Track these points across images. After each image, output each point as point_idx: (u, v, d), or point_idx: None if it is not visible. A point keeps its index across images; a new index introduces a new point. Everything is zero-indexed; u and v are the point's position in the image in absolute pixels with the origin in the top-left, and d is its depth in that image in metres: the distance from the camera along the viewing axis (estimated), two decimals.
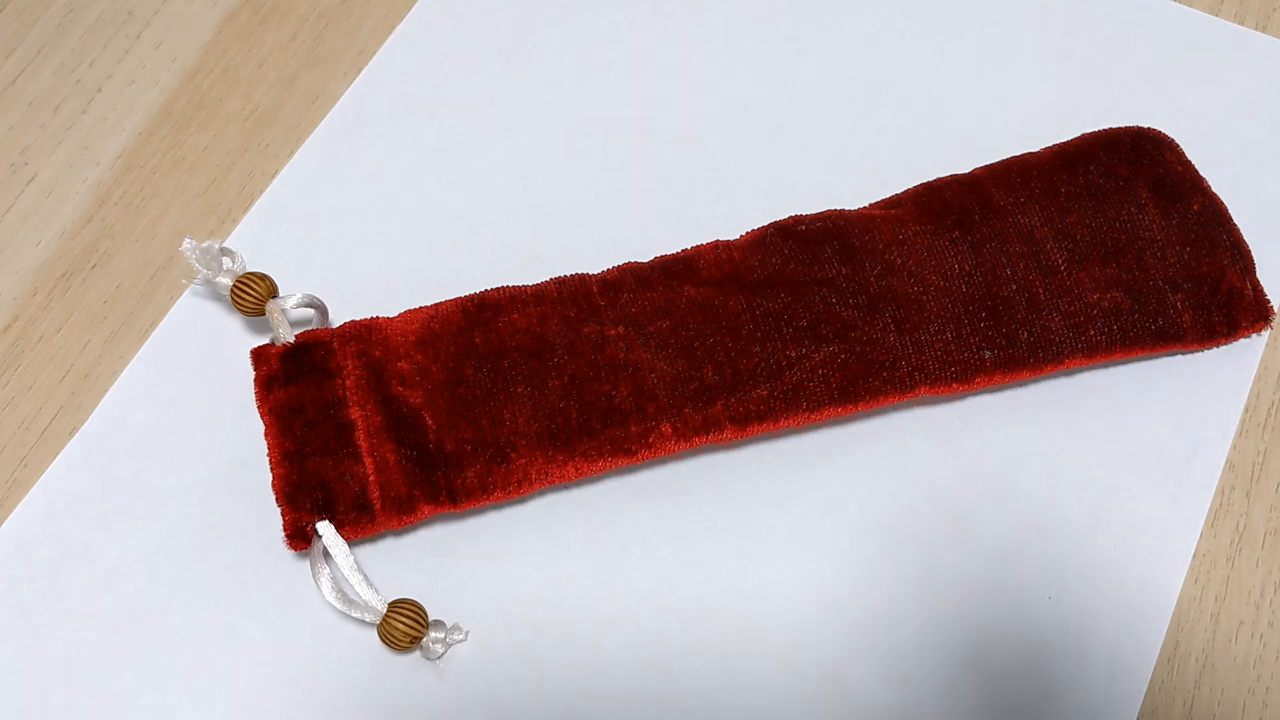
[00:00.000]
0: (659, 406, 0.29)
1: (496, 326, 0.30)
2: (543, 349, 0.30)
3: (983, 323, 0.30)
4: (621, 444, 0.29)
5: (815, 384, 0.29)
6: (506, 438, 0.29)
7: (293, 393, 0.29)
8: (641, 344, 0.30)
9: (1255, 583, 0.30)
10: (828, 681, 0.29)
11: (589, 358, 0.30)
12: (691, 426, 0.29)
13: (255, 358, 0.30)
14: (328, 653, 0.29)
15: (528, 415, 0.29)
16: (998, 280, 0.31)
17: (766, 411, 0.29)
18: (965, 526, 0.30)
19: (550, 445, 0.29)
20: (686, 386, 0.29)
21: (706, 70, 0.38)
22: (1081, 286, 0.31)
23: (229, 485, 0.31)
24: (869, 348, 0.30)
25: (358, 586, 0.28)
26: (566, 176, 0.36)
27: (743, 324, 0.30)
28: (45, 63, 0.39)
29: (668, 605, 0.30)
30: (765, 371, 0.29)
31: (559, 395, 0.29)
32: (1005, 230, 0.31)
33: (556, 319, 0.30)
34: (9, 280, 0.35)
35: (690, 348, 0.30)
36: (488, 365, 0.30)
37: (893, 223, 0.31)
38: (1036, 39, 0.38)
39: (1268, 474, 0.31)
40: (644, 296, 0.30)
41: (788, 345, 0.30)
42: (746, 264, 0.31)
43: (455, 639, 0.29)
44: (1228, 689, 0.29)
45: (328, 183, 0.36)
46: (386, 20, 0.39)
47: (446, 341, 0.30)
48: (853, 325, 0.30)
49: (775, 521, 0.31)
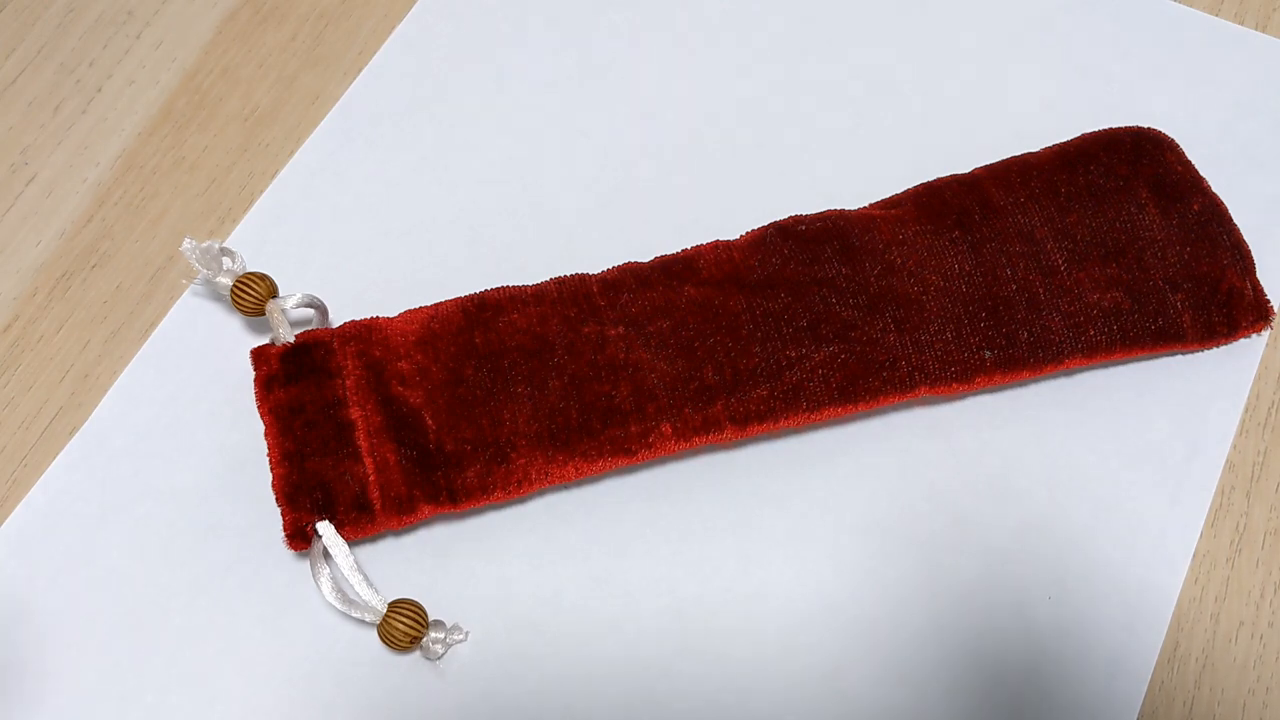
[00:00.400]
0: (659, 406, 0.29)
1: (496, 326, 0.30)
2: (543, 349, 0.30)
3: (983, 323, 0.30)
4: (621, 444, 0.29)
5: (815, 384, 0.29)
6: (506, 438, 0.29)
7: (293, 393, 0.29)
8: (641, 344, 0.30)
9: (1255, 583, 0.30)
10: (827, 681, 0.29)
11: (589, 358, 0.30)
12: (691, 426, 0.29)
13: (255, 358, 0.30)
14: (328, 653, 0.29)
15: (528, 415, 0.29)
16: (998, 280, 0.31)
17: (766, 411, 0.29)
18: (965, 527, 0.30)
19: (550, 445, 0.29)
20: (686, 386, 0.29)
21: (706, 70, 0.38)
22: (1081, 286, 0.31)
23: (229, 485, 0.31)
24: (869, 348, 0.30)
25: (358, 586, 0.28)
26: (566, 176, 0.36)
27: (743, 324, 0.30)
28: (45, 63, 0.39)
29: (668, 605, 0.30)
30: (765, 371, 0.29)
31: (559, 395, 0.29)
32: (1005, 230, 0.31)
33: (556, 319, 0.30)
34: (9, 280, 0.35)
35: (690, 348, 0.30)
36: (488, 365, 0.30)
37: (893, 223, 0.31)
38: (1037, 39, 0.38)
39: (1268, 474, 0.31)
40: (644, 296, 0.30)
41: (788, 345, 0.30)
42: (746, 264, 0.31)
43: (455, 639, 0.29)
44: (1228, 689, 0.29)
45: (328, 183, 0.36)
46: (386, 20, 0.39)
47: (446, 341, 0.30)
48: (853, 325, 0.30)
49: (775, 521, 0.31)
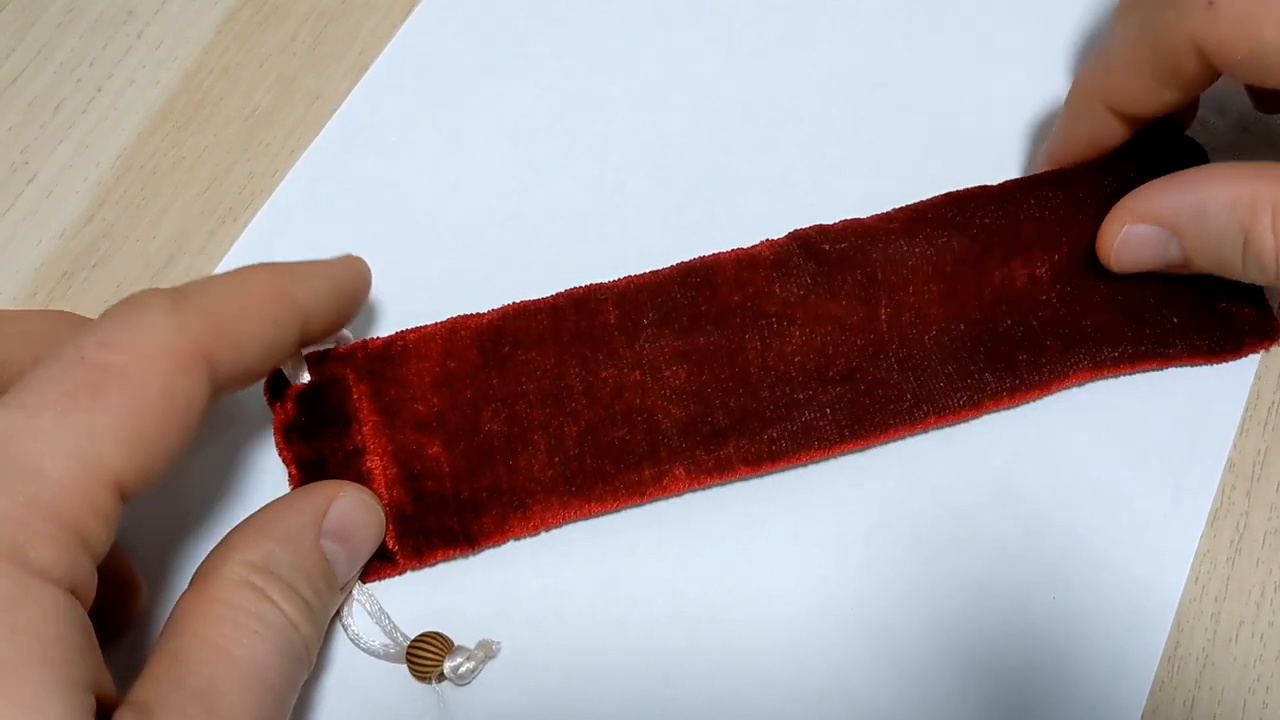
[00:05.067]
0: (672, 450, 0.29)
1: (513, 367, 0.30)
2: (559, 393, 0.30)
3: (981, 357, 0.30)
4: (636, 487, 0.29)
5: (825, 422, 0.30)
6: (523, 484, 0.29)
7: (314, 445, 0.29)
8: (657, 389, 0.30)
9: (1255, 583, 0.30)
10: (832, 682, 0.29)
11: (606, 403, 0.30)
12: (704, 468, 0.29)
13: (270, 400, 0.30)
14: (328, 653, 0.29)
15: (544, 462, 0.29)
16: (996, 316, 0.31)
17: (778, 451, 0.30)
18: (968, 528, 0.30)
19: (565, 491, 0.29)
20: (699, 430, 0.30)
21: (709, 71, 0.38)
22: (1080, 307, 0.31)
23: (229, 490, 0.31)
24: (875, 386, 0.30)
25: (379, 630, 0.29)
26: (571, 176, 0.36)
27: (753, 370, 0.30)
28: (45, 62, 0.39)
29: (671, 608, 0.30)
30: (775, 414, 0.30)
31: (575, 441, 0.29)
32: (1020, 246, 0.31)
33: (574, 360, 0.30)
34: (9, 280, 0.35)
35: (704, 393, 0.30)
36: (505, 411, 0.30)
37: (918, 261, 0.31)
38: (1037, 39, 0.38)
39: (1268, 474, 0.31)
40: (661, 335, 0.30)
41: (795, 389, 0.30)
42: (768, 289, 0.31)
43: (480, 658, 0.29)
44: (1228, 689, 0.29)
45: (332, 187, 0.36)
46: (387, 20, 0.39)
47: (463, 384, 0.30)
48: (859, 367, 0.30)
49: (779, 524, 0.31)
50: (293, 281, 0.27)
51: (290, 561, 0.25)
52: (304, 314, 0.27)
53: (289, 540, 0.26)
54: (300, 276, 0.27)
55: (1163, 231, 0.29)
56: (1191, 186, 0.28)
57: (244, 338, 0.25)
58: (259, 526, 0.26)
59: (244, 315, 0.25)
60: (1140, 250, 0.30)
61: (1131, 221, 0.29)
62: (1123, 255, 0.30)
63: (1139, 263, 0.30)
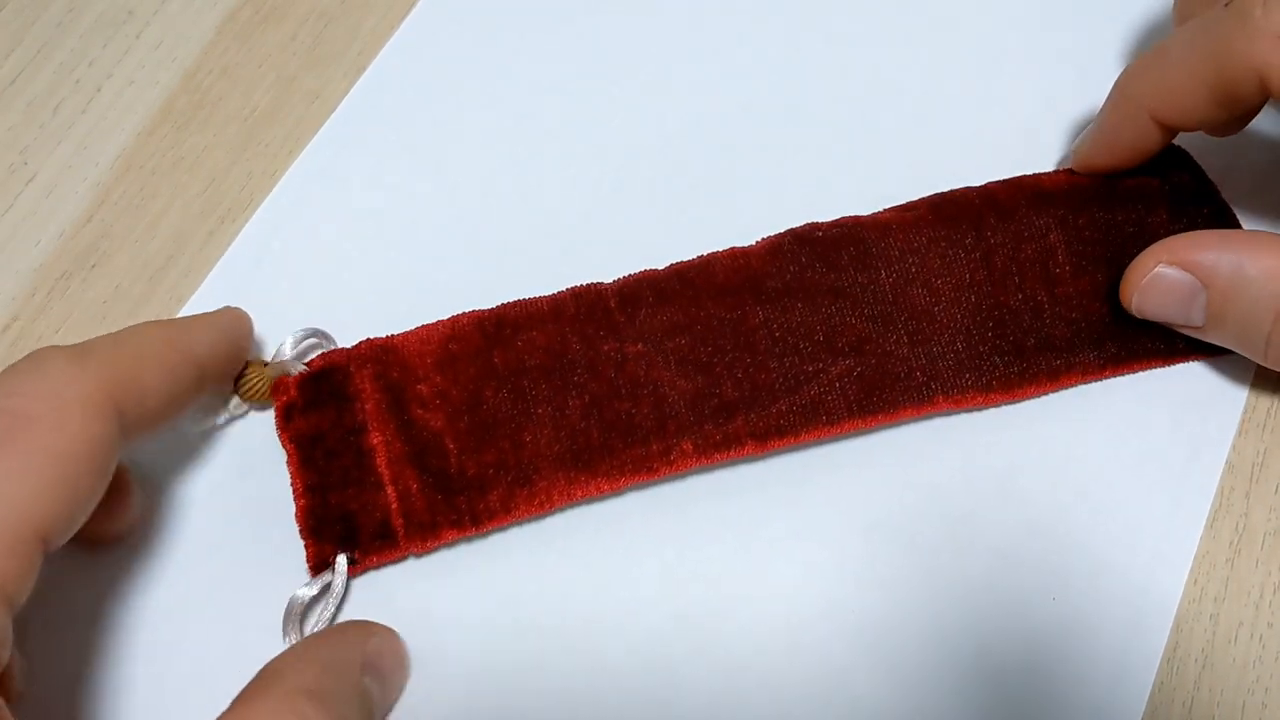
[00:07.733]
0: (680, 424, 0.29)
1: (515, 345, 0.30)
2: (562, 367, 0.30)
3: (990, 332, 0.30)
4: (643, 462, 0.29)
5: (833, 397, 0.30)
6: (529, 460, 0.29)
7: (312, 420, 0.29)
8: (661, 361, 0.30)
9: (1255, 583, 0.30)
10: (832, 684, 0.29)
11: (609, 376, 0.30)
12: (712, 443, 0.29)
13: (275, 388, 0.30)
14: None
15: (549, 436, 0.29)
16: (1005, 289, 0.31)
17: (786, 426, 0.29)
18: (968, 528, 0.30)
19: (572, 466, 0.29)
20: (706, 403, 0.29)
21: (709, 72, 0.38)
22: (1085, 295, 0.31)
23: (228, 490, 0.31)
24: (884, 360, 0.30)
25: None
26: (572, 178, 0.36)
27: (760, 339, 0.30)
28: (45, 62, 0.39)
29: (671, 608, 0.30)
30: (783, 386, 0.30)
31: (580, 415, 0.29)
32: (1019, 233, 0.31)
33: (575, 336, 0.30)
34: (8, 280, 0.35)
35: (709, 364, 0.30)
36: (508, 386, 0.30)
37: (908, 228, 0.31)
38: (1037, 38, 0.38)
39: (1267, 475, 0.31)
40: (662, 311, 0.30)
41: (804, 360, 0.30)
42: (764, 270, 0.31)
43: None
44: (1227, 690, 0.29)
45: (331, 187, 0.36)
46: (386, 20, 0.39)
47: (466, 363, 0.30)
48: (868, 338, 0.30)
49: (778, 523, 0.31)
50: (182, 333, 0.28)
51: (337, 691, 0.25)
52: (198, 362, 0.28)
53: (336, 670, 0.26)
54: (188, 329, 0.28)
55: (1193, 282, 0.28)
56: (1233, 244, 0.28)
57: (145, 385, 0.26)
58: (306, 655, 0.26)
59: (142, 365, 0.26)
60: (1166, 295, 0.29)
61: (1166, 260, 0.29)
62: (1147, 296, 0.29)
63: (1160, 311, 0.29)
